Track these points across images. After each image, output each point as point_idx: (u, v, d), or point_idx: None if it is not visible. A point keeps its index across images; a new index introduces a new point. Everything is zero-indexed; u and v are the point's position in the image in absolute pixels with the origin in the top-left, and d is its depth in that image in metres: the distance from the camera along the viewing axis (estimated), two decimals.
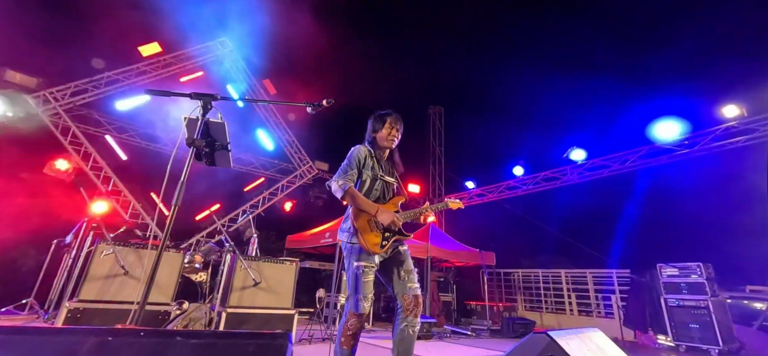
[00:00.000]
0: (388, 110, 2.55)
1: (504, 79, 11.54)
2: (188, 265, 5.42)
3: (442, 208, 2.63)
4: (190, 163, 1.59)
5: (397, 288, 2.32)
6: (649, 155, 8.39)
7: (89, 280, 3.59)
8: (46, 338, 0.72)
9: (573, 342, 1.33)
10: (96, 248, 3.72)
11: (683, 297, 5.91)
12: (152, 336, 0.78)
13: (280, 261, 4.74)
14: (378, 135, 2.53)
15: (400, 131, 2.56)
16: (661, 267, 6.36)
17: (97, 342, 0.73)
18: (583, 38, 10.03)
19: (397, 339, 2.21)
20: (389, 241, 2.32)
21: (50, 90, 7.16)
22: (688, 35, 7.76)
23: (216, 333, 0.84)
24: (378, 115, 2.56)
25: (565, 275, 9.00)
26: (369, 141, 2.57)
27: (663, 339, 6.19)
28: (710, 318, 5.50)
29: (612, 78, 9.86)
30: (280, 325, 4.31)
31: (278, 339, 0.82)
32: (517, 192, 10.81)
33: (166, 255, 4.08)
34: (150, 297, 3.92)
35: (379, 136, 2.53)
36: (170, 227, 1.48)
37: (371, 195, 2.42)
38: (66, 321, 3.32)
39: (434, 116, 14.02)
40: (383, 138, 2.51)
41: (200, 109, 1.65)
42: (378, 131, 2.53)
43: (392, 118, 2.52)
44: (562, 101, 9.95)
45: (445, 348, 5.14)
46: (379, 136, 2.52)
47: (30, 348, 0.68)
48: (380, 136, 2.52)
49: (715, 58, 7.47)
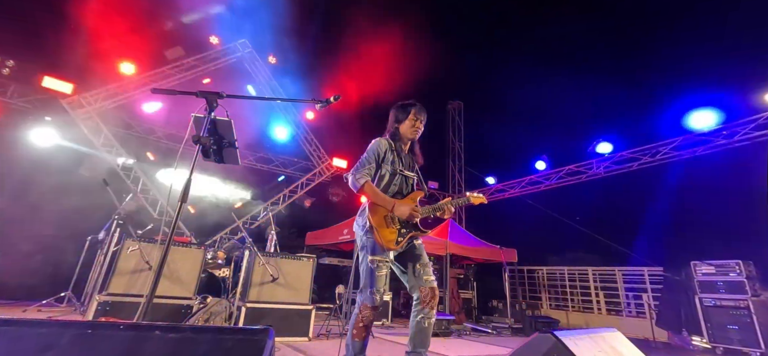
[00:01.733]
0: (411, 100, 2.49)
1: (525, 72, 11.17)
2: (211, 261, 5.62)
3: (464, 203, 2.49)
4: (196, 160, 1.63)
5: (413, 282, 2.30)
6: (682, 147, 7.93)
7: (117, 275, 3.77)
8: (27, 329, 0.75)
9: (582, 342, 1.26)
10: (123, 244, 3.90)
11: (721, 297, 5.56)
12: (131, 329, 0.80)
13: (298, 257, 4.82)
14: (401, 126, 2.47)
15: (423, 123, 2.49)
16: (695, 265, 6.01)
17: (77, 334, 0.75)
18: (609, 27, 9.55)
19: (414, 332, 2.20)
20: (405, 237, 2.29)
21: (83, 94, 7.56)
22: (724, 14, 7.19)
23: (195, 328, 0.85)
24: (401, 105, 2.49)
25: (592, 273, 8.70)
26: (391, 133, 2.50)
27: (698, 340, 5.86)
28: (751, 318, 5.15)
29: (639, 65, 9.34)
30: (297, 320, 4.38)
31: (258, 335, 0.82)
32: (539, 187, 10.50)
33: (187, 250, 4.22)
34: (172, 292, 4.09)
35: (402, 127, 2.46)
36: (176, 223, 1.51)
37: (389, 189, 2.38)
38: (96, 314, 3.50)
39: (454, 111, 13.82)
40: (406, 129, 2.46)
41: (206, 107, 1.68)
42: (401, 122, 2.46)
43: (416, 109, 2.45)
44: (586, 93, 9.52)
45: (464, 345, 5.06)
46: (403, 128, 2.46)
47: (11, 338, 0.71)
48: (403, 128, 2.46)
49: (756, 39, 6.89)
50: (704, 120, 7.37)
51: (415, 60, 12.19)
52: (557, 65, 10.23)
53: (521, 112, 10.73)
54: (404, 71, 12.08)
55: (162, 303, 3.83)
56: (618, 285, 8.18)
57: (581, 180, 9.63)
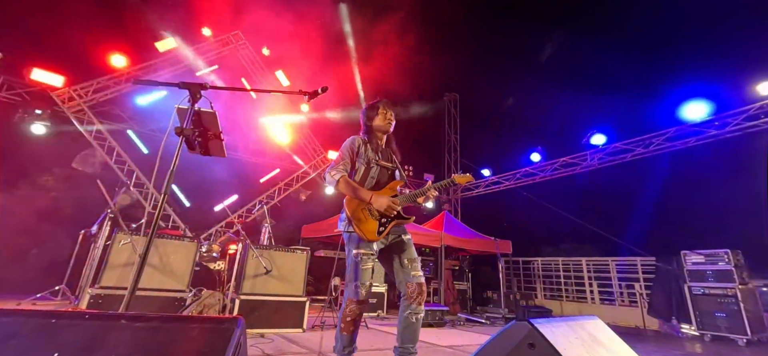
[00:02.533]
0: (376, 99, 2.61)
1: (521, 66, 11.16)
2: (206, 254, 5.62)
3: (448, 184, 2.45)
4: (179, 152, 1.63)
5: (400, 277, 2.31)
6: (675, 137, 7.97)
7: (109, 268, 3.78)
8: None
9: (559, 329, 1.29)
10: (114, 238, 3.90)
11: (709, 285, 5.65)
12: (97, 318, 0.81)
13: (292, 250, 4.84)
14: (374, 123, 2.55)
15: (393, 114, 2.60)
16: (685, 254, 6.08)
17: (40, 323, 0.76)
18: (602, 19, 9.53)
19: (402, 327, 2.22)
20: (387, 227, 2.30)
21: (74, 87, 7.48)
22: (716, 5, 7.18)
23: (162, 317, 0.86)
24: (369, 106, 2.61)
25: (586, 263, 8.79)
26: (364, 130, 2.59)
27: (687, 328, 5.96)
28: (738, 306, 5.24)
29: (634, 57, 9.34)
30: (291, 312, 4.41)
31: (225, 324, 0.83)
32: (534, 179, 10.54)
33: (180, 243, 4.23)
34: (165, 285, 4.09)
35: (375, 122, 2.55)
36: (159, 215, 1.51)
37: (367, 182, 2.41)
38: (88, 307, 3.51)
39: (449, 104, 13.79)
40: (380, 122, 2.54)
41: (188, 98, 1.68)
42: (373, 119, 2.56)
43: (383, 103, 2.57)
44: (581, 85, 9.52)
45: (456, 335, 5.12)
46: (376, 122, 2.55)
47: None
48: (377, 122, 2.55)
49: (747, 30, 6.91)
50: (697, 111, 7.40)
51: (411, 51, 12.12)
52: (555, 55, 10.22)
53: (516, 105, 10.74)
54: (400, 62, 12.02)
55: (155, 296, 3.85)
56: (611, 275, 8.27)
57: (575, 172, 9.67)
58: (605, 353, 1.41)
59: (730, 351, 4.75)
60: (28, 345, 0.72)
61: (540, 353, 1.18)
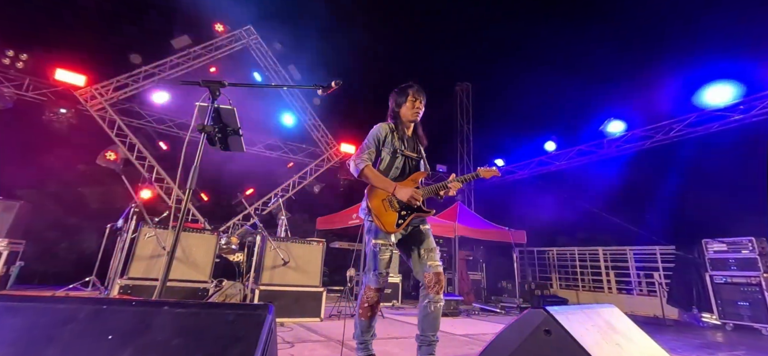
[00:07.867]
0: (409, 82, 2.50)
1: (534, 53, 10.91)
2: (225, 246, 5.79)
3: (473, 178, 2.46)
4: (201, 148, 1.69)
5: (418, 267, 2.33)
6: (697, 123, 7.72)
7: (136, 260, 3.95)
8: (49, 305, 0.84)
9: (575, 316, 1.30)
10: (140, 231, 4.06)
11: (732, 274, 5.52)
12: (142, 305, 0.88)
13: (308, 241, 4.94)
14: (402, 109, 2.48)
15: (423, 102, 2.50)
16: (706, 242, 5.94)
17: (93, 309, 0.84)
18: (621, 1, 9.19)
19: (422, 316, 2.24)
20: (406, 219, 2.31)
21: (95, 86, 7.73)
22: None
23: (201, 304, 0.93)
24: (400, 89, 2.50)
25: (603, 252, 8.67)
26: (392, 117, 2.53)
27: (708, 317, 5.85)
28: (762, 295, 5.11)
29: (652, 41, 9.02)
30: (309, 302, 4.53)
31: (259, 311, 0.89)
32: (549, 167, 10.39)
33: (201, 236, 4.37)
34: (188, 276, 4.25)
35: (402, 110, 2.47)
36: (186, 209, 1.59)
37: (391, 172, 2.41)
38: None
39: (461, 93, 13.65)
40: (407, 111, 2.46)
41: (209, 96, 1.74)
42: (401, 105, 2.47)
43: (414, 90, 2.46)
44: (597, 70, 9.26)
45: (470, 324, 5.16)
46: (403, 110, 2.47)
47: (35, 313, 0.80)
48: (404, 110, 2.47)
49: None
50: (721, 94, 7.14)
51: (424, 41, 12.01)
52: (570, 40, 9.95)
53: (531, 93, 10.53)
54: (412, 53, 11.93)
55: (179, 287, 4.01)
56: (629, 264, 8.14)
57: (592, 160, 9.49)
58: (622, 340, 1.42)
59: (754, 339, 4.66)
60: (85, 328, 0.80)
61: (556, 339, 1.20)
